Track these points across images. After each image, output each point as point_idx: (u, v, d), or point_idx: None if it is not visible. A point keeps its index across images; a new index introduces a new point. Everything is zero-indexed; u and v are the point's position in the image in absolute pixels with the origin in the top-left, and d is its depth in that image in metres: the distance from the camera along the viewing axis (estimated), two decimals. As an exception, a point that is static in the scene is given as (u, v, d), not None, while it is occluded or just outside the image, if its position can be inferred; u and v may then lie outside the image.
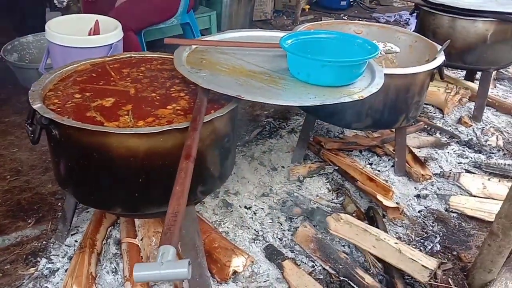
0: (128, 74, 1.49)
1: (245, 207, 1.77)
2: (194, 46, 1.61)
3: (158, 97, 1.35)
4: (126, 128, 1.12)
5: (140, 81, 1.44)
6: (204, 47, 1.63)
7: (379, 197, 1.76)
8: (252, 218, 1.72)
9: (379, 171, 2.06)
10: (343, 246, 1.62)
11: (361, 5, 5.23)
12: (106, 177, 1.17)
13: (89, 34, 2.24)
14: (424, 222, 1.80)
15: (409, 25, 4.47)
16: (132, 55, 1.64)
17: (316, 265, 1.53)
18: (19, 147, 2.12)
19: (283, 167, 2.05)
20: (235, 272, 1.42)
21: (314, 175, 1.97)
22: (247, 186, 1.90)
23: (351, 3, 5.11)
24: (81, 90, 1.35)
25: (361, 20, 4.59)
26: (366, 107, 1.74)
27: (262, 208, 1.78)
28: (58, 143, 1.17)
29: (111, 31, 2.22)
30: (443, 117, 2.63)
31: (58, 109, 1.21)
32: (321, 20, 4.56)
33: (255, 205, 1.79)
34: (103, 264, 1.44)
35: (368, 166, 2.08)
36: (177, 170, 1.03)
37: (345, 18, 4.75)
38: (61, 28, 2.17)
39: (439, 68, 1.80)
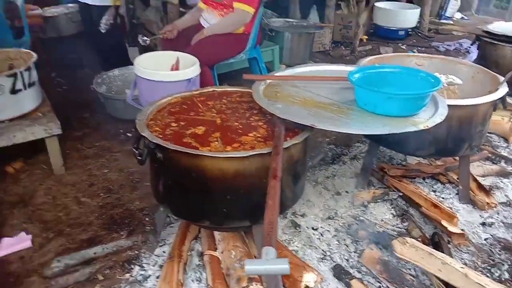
0: (213, 106, 1.71)
1: (312, 228, 1.90)
2: (268, 81, 1.81)
3: (240, 126, 1.54)
4: (220, 152, 1.32)
5: (224, 112, 1.65)
6: (277, 81, 1.82)
7: (444, 223, 1.81)
8: (319, 239, 1.84)
9: (443, 198, 2.10)
10: (409, 269, 1.69)
11: (419, 34, 5.27)
12: (199, 193, 1.37)
13: (172, 69, 2.54)
14: (490, 250, 1.81)
15: (470, 53, 4.45)
16: (215, 89, 1.87)
17: (382, 286, 1.61)
18: (109, 169, 2.41)
19: (347, 192, 2.16)
20: (306, 287, 1.54)
21: (378, 200, 2.06)
22: (313, 209, 2.03)
23: (409, 32, 5.17)
24: (176, 119, 1.58)
25: (419, 49, 4.68)
26: (430, 136, 1.83)
27: (328, 230, 1.89)
28: (161, 164, 1.38)
29: (189, 67, 2.49)
30: (507, 146, 2.61)
31: (160, 136, 1.44)
32: (378, 50, 4.68)
33: (321, 227, 1.91)
34: (188, 273, 1.62)
35: (432, 193, 2.13)
36: (259, 189, 1.20)
37: (403, 47, 4.82)
38: (147, 64, 2.48)
39: (502, 99, 1.86)
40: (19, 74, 2.12)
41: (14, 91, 2.11)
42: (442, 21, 5.79)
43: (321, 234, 1.86)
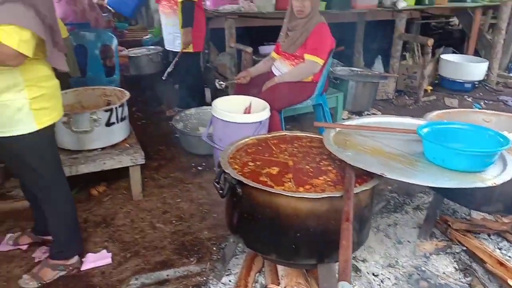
0: (285, 149, 1.86)
1: (373, 274, 1.94)
2: (338, 129, 1.94)
3: (311, 169, 1.67)
4: (294, 192, 1.45)
5: (296, 155, 1.79)
6: (346, 130, 1.94)
7: (511, 282, 1.78)
8: (379, 285, 1.87)
9: (509, 257, 2.06)
10: (472, 325, 1.67)
11: (486, 87, 5.19)
12: (272, 228, 1.49)
13: (245, 112, 2.76)
14: (562, 316, 1.74)
15: (542, 109, 4.31)
16: (286, 133, 2.03)
17: None
18: (181, 198, 2.62)
19: (408, 241, 2.18)
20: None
21: (441, 253, 2.06)
22: (374, 255, 2.07)
23: (476, 85, 5.11)
24: (253, 159, 1.74)
25: (486, 102, 4.60)
26: (497, 192, 1.84)
27: (389, 278, 1.92)
28: (239, 198, 1.54)
29: (260, 110, 2.70)
30: None
31: (239, 173, 1.60)
32: (443, 101, 4.67)
33: (382, 273, 1.94)
34: (252, 303, 1.72)
35: (498, 250, 2.09)
36: (327, 230, 1.31)
37: (469, 100, 4.77)
38: (223, 106, 2.72)
39: None
40: (115, 109, 2.43)
41: (109, 124, 2.42)
42: (511, 74, 5.66)
43: (382, 281, 1.89)
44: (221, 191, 1.57)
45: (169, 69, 3.68)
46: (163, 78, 3.75)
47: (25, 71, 1.53)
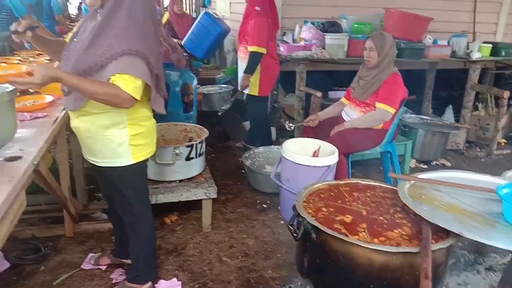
0: (358, 197, 1.90)
1: (442, 334, 1.87)
2: (412, 181, 1.95)
3: (385, 221, 1.70)
4: (371, 244, 1.49)
5: (369, 205, 1.83)
6: (420, 183, 1.95)
7: None
8: None
9: None
10: None
11: None
12: (345, 276, 1.53)
13: (313, 155, 2.84)
14: None
15: None
16: (359, 181, 2.07)
17: None
18: (247, 234, 2.71)
19: (481, 304, 2.08)
20: None
21: (518, 320, 1.95)
22: (443, 314, 2.00)
23: (556, 140, 4.81)
24: (326, 205, 1.80)
25: None
26: None
27: None
28: (313, 244, 1.60)
29: (329, 154, 2.76)
30: None
31: (313, 218, 1.67)
32: (518, 155, 4.43)
33: (452, 335, 1.87)
34: None
35: None
36: (400, 284, 1.33)
37: (548, 156, 4.49)
38: (292, 147, 2.82)
39: None
40: (195, 145, 2.62)
41: (188, 158, 2.61)
42: None
43: None
44: (295, 234, 1.64)
45: (224, 107, 3.90)
46: (219, 114, 3.97)
47: (129, 112, 1.72)
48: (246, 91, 3.79)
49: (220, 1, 7.16)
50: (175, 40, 4.67)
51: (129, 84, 1.55)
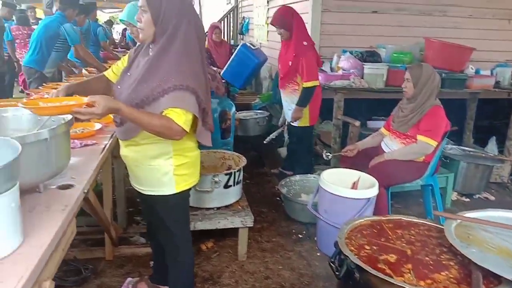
0: (401, 235, 1.85)
1: None
2: (459, 220, 1.88)
3: (431, 262, 1.64)
4: (418, 287, 1.43)
5: (414, 244, 1.77)
6: (468, 222, 1.87)
7: None
8: None
9: None
10: None
11: None
12: (390, 320, 1.47)
13: (352, 187, 2.79)
14: None
15: None
16: (402, 218, 2.01)
17: None
18: (283, 265, 2.68)
19: None
20: None
21: None
22: None
23: None
24: (368, 242, 1.76)
25: None
26: None
27: None
28: (357, 283, 1.55)
29: (368, 186, 2.72)
30: None
31: (356, 256, 1.63)
32: None
33: None
34: None
35: None
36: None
37: None
38: (331, 178, 2.79)
39: None
40: (233, 173, 2.64)
41: (226, 186, 2.63)
42: None
43: None
44: (337, 273, 1.60)
45: (272, 136, 3.91)
46: (265, 142, 3.98)
47: (175, 143, 1.76)
48: (295, 123, 3.73)
49: (257, 28, 7.33)
50: (214, 68, 4.80)
51: (181, 117, 1.61)
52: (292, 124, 3.75)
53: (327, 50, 4.58)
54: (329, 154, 3.27)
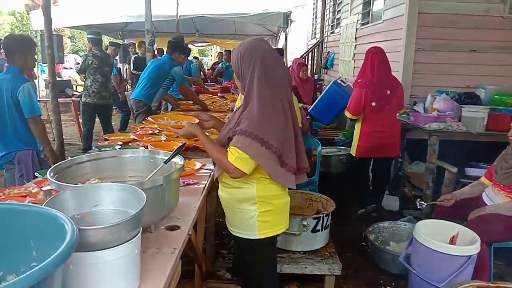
0: (514, 307, 1.67)
1: None
2: None
3: None
4: None
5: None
6: None
7: None
8: None
9: None
10: None
11: None
12: None
13: (450, 242, 2.60)
14: None
15: None
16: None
17: None
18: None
19: None
20: None
21: None
22: None
23: None
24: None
25: None
26: None
27: None
28: None
29: (468, 242, 2.51)
30: None
31: (464, 328, 1.51)
32: None
33: None
34: None
35: None
36: None
37: None
38: (426, 230, 2.63)
39: None
40: (322, 217, 2.61)
41: (314, 230, 2.60)
42: None
43: None
44: None
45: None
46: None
47: (258, 189, 1.85)
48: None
49: (343, 64, 7.33)
50: (300, 104, 4.86)
51: (233, 154, 1.73)
52: None
53: (420, 89, 4.42)
54: (423, 202, 3.09)
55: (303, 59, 6.60)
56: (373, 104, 3.67)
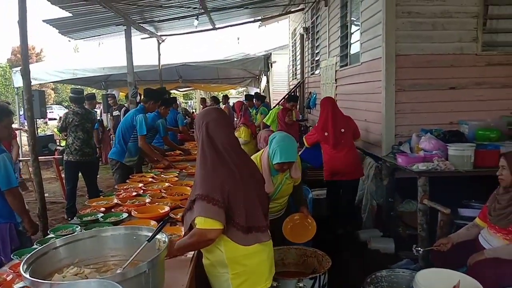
0: None
1: None
2: None
3: None
4: None
5: None
6: None
7: None
8: None
9: None
10: None
11: None
12: None
13: (450, 293, 2.49)
14: None
15: None
16: None
17: None
18: None
19: None
20: None
21: None
22: None
23: None
24: None
25: None
26: None
27: None
28: None
29: (471, 291, 2.40)
30: None
31: None
32: None
33: None
34: None
35: None
36: None
37: None
38: (426, 279, 2.52)
39: None
40: (319, 277, 2.50)
41: (310, 292, 2.48)
42: None
43: None
44: None
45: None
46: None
47: (227, 251, 1.85)
48: None
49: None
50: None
51: (199, 223, 1.78)
52: None
53: (404, 129, 4.43)
54: (419, 249, 3.00)
55: (294, 106, 6.62)
56: (331, 142, 4.42)
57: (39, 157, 3.80)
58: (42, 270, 1.47)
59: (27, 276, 1.33)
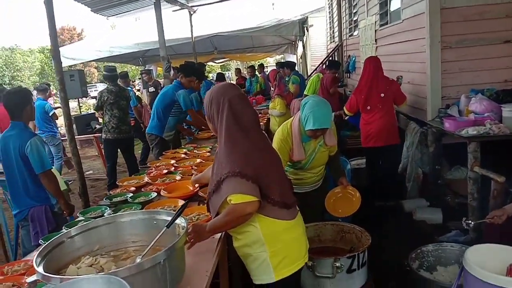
0: None
1: None
2: None
3: None
4: None
5: None
6: None
7: None
8: None
9: None
10: None
11: None
12: None
13: (507, 272, 2.26)
14: None
15: None
16: None
17: None
18: None
19: None
20: None
21: None
22: None
23: None
24: None
25: None
26: None
27: None
28: None
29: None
30: None
31: None
32: None
33: None
34: None
35: None
36: None
37: None
38: (478, 257, 2.30)
39: None
40: (357, 255, 2.34)
41: (350, 270, 2.33)
42: None
43: None
44: None
45: None
46: None
47: (262, 228, 1.78)
48: None
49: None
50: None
51: (232, 199, 1.69)
52: None
53: (451, 90, 4.05)
54: (470, 221, 2.74)
55: (336, 73, 6.22)
56: (368, 108, 4.32)
57: (80, 136, 3.86)
58: (57, 261, 1.42)
59: (40, 270, 1.27)
